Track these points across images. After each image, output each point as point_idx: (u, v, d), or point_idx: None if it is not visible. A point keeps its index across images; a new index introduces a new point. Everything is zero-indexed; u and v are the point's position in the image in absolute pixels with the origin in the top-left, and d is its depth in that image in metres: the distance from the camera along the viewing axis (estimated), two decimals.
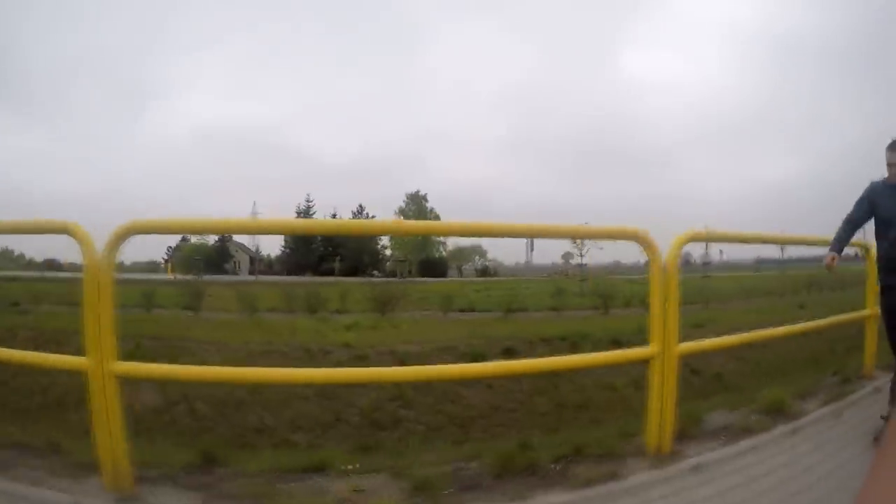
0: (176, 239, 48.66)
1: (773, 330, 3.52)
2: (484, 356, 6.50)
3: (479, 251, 60.53)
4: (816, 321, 3.90)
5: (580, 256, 21.56)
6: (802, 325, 3.80)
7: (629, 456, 2.41)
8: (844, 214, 3.12)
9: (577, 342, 7.25)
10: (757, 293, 17.04)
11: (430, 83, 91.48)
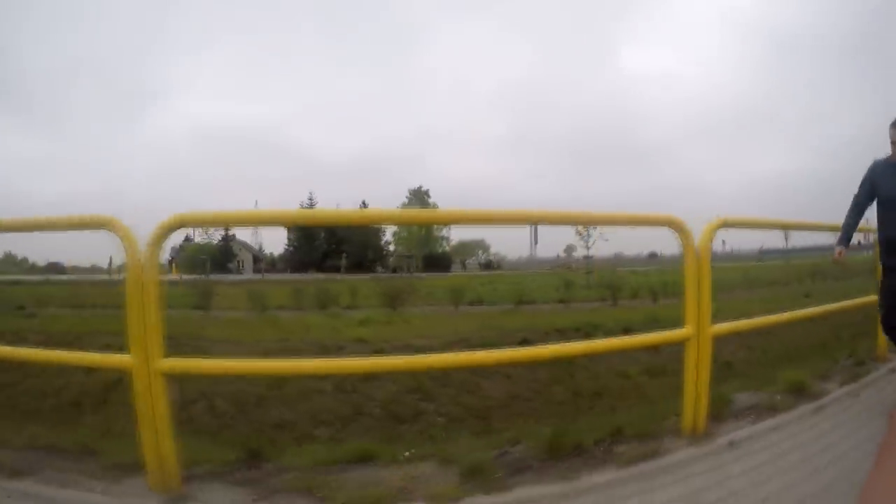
0: (179, 238, 48.68)
1: (797, 312, 3.61)
2: (499, 348, 6.52)
3: (482, 245, 60.58)
4: (835, 304, 3.96)
5: (586, 248, 21.34)
6: (822, 307, 3.88)
7: (666, 435, 2.49)
8: (846, 205, 3.10)
9: (589, 332, 7.28)
10: (761, 283, 17.08)
11: (430, 82, 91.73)
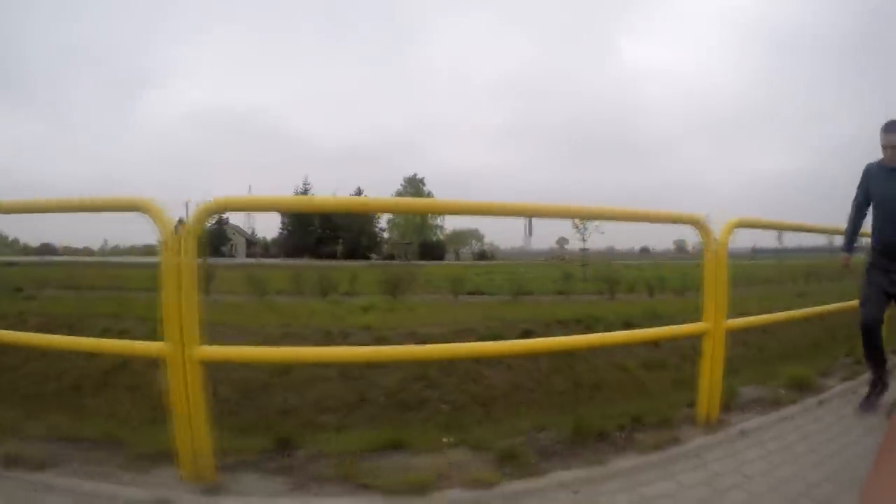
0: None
1: (808, 310, 3.74)
2: (504, 338, 6.60)
3: (475, 235, 60.64)
4: (840, 303, 4.04)
5: (582, 241, 21.37)
6: (831, 306, 3.98)
7: (681, 424, 2.61)
8: (845, 205, 3.17)
9: (590, 325, 7.38)
10: (755, 281, 17.24)
11: (429, 70, 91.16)
